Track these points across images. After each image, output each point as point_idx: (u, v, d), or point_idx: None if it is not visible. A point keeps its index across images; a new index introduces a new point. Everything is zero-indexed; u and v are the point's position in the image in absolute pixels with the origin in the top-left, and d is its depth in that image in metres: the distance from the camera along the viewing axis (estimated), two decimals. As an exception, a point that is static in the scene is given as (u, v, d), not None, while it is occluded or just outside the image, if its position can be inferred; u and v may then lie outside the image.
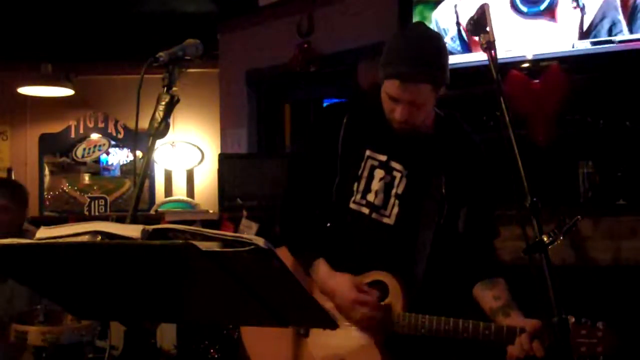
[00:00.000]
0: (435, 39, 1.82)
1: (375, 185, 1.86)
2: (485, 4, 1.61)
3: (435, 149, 1.89)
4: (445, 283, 1.87)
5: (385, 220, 1.86)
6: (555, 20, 3.33)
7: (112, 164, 6.18)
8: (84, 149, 6.15)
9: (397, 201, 1.86)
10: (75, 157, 6.14)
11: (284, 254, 1.89)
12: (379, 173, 1.87)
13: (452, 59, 3.68)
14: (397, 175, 1.87)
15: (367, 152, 1.88)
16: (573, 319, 1.59)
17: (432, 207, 1.84)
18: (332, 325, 1.29)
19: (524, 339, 1.62)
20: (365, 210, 1.87)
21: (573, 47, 3.34)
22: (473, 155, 1.91)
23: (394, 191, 1.86)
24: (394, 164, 1.87)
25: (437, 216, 1.84)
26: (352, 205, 1.88)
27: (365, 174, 1.87)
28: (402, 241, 1.85)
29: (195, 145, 5.99)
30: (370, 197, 1.87)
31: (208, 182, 5.81)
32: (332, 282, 1.81)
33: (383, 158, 1.87)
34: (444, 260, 1.87)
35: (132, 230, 1.06)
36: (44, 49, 5.55)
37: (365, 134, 1.90)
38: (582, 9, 3.25)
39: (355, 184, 1.88)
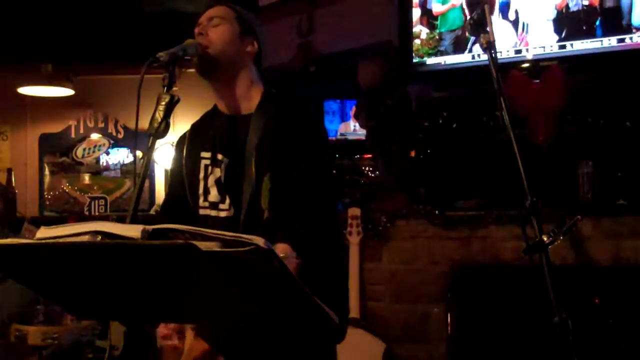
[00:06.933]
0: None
1: (210, 182, 1.86)
2: (486, 3, 1.61)
3: (249, 128, 1.84)
4: None
5: (224, 214, 1.83)
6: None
7: (112, 164, 6.19)
8: (84, 149, 6.15)
9: (226, 191, 1.84)
10: (75, 157, 6.14)
11: None
12: (209, 170, 1.87)
13: (452, 59, 3.72)
14: (222, 166, 1.85)
15: (201, 154, 1.89)
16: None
17: (247, 189, 1.78)
18: (332, 325, 1.29)
19: None
20: (210, 211, 1.85)
21: (573, 47, 3.34)
22: (289, 126, 1.82)
23: (222, 183, 1.85)
24: (219, 156, 1.86)
25: (249, 195, 1.77)
26: (200, 211, 1.86)
27: (202, 175, 1.87)
28: (236, 230, 1.74)
29: (195, 145, 5.99)
30: (209, 196, 1.85)
31: (208, 182, 5.81)
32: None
33: (210, 154, 1.88)
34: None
35: (132, 230, 1.06)
36: (44, 49, 5.54)
37: (200, 138, 1.92)
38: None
39: (199, 189, 1.87)
